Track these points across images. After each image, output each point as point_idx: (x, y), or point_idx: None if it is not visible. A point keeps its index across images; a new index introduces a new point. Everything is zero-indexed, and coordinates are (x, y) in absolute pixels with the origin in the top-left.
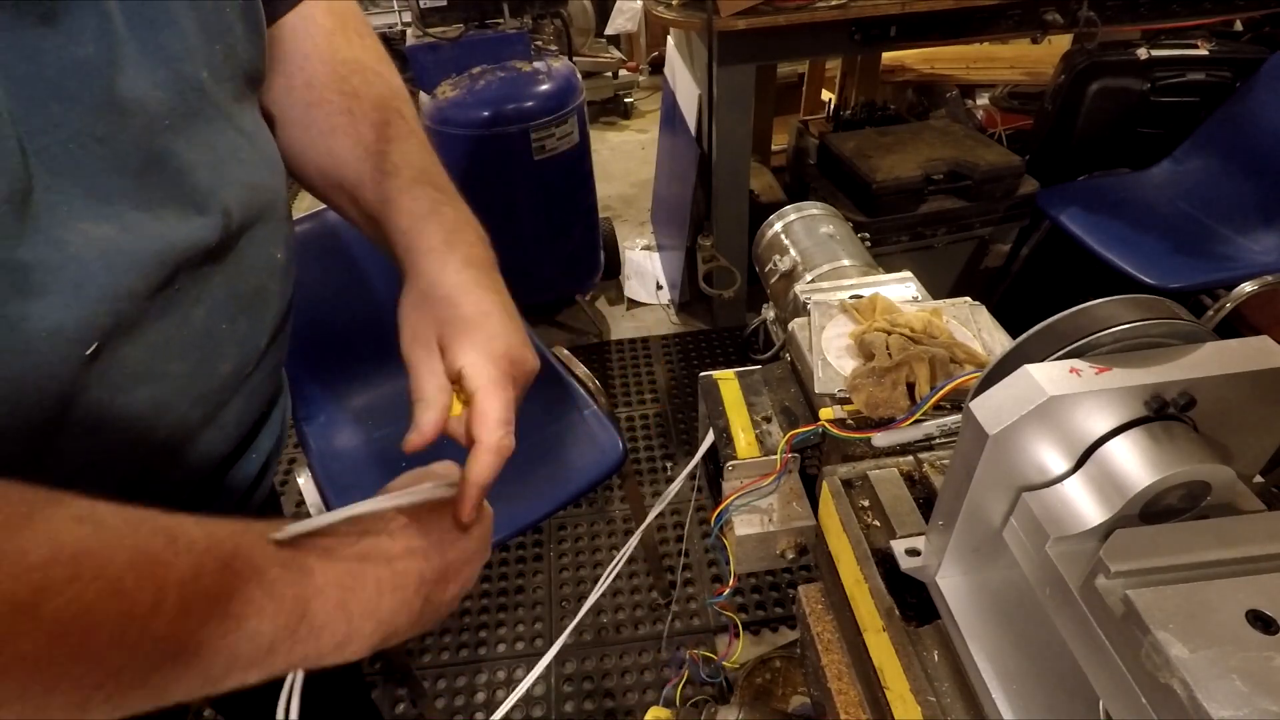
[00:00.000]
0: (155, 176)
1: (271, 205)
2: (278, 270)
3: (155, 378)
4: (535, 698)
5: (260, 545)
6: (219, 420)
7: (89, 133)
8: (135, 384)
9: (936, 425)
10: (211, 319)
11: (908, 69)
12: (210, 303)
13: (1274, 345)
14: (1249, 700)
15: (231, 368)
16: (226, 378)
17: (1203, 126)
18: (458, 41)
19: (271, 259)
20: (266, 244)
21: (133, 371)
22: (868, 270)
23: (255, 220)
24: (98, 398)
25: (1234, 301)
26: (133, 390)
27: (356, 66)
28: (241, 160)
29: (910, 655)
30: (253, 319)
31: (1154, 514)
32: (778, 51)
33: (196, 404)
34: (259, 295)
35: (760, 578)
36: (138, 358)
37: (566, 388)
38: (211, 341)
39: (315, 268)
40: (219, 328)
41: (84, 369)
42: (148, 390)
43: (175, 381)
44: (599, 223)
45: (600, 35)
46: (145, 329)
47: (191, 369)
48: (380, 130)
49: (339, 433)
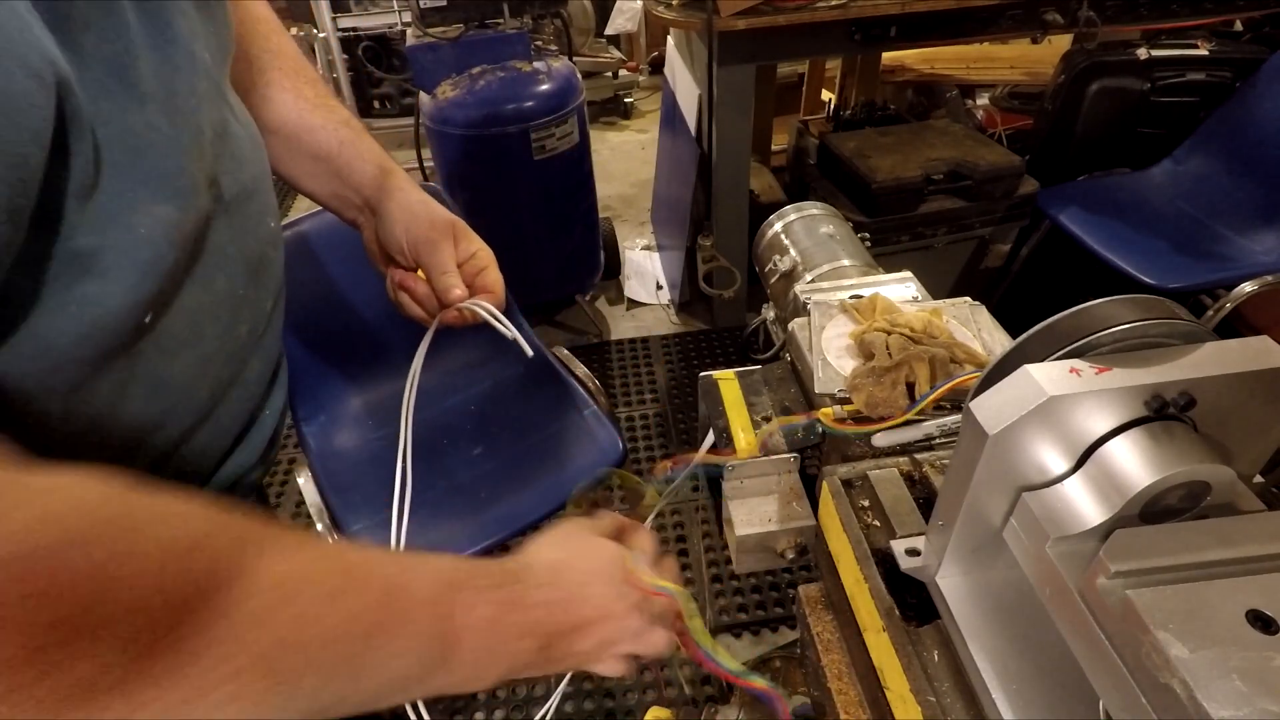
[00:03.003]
0: (194, 153)
1: (263, 176)
2: (274, 238)
3: (196, 341)
4: (535, 698)
5: (419, 581)
6: (244, 378)
7: (144, 121)
8: (181, 347)
9: (936, 425)
10: (231, 285)
11: (908, 69)
12: (229, 270)
13: (1274, 345)
14: (1249, 700)
15: (248, 329)
16: (244, 339)
17: (1203, 126)
18: (458, 41)
19: (266, 228)
20: (262, 214)
21: (179, 336)
22: (868, 270)
23: (252, 192)
24: (154, 360)
25: (1234, 301)
26: (179, 353)
27: (270, 26)
28: (234, 135)
29: (910, 655)
30: (260, 284)
31: (1154, 514)
32: (778, 51)
33: (227, 363)
34: (263, 262)
35: (760, 578)
36: (181, 324)
37: (566, 388)
38: (233, 306)
39: (314, 268)
40: (237, 293)
41: (144, 334)
42: (193, 352)
43: (211, 344)
44: (599, 223)
45: (600, 35)
46: (183, 297)
47: (221, 331)
48: (315, 87)
49: (339, 433)
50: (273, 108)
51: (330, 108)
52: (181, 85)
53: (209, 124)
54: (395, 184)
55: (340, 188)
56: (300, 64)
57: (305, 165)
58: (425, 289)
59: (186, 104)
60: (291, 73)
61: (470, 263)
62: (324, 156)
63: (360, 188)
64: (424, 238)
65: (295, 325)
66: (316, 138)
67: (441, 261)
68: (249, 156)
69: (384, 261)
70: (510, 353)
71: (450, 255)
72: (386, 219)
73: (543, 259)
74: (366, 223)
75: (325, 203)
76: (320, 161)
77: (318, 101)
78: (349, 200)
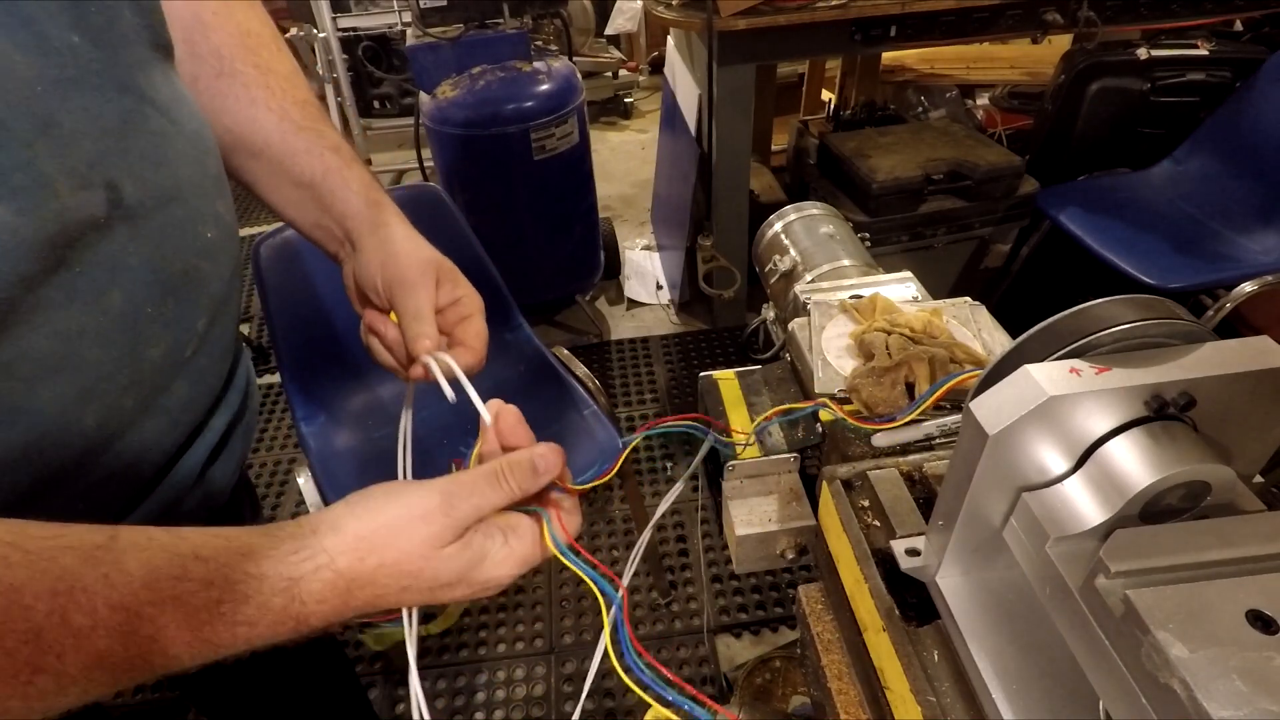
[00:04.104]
0: (44, 146)
1: (193, 182)
2: (210, 250)
3: (72, 367)
4: (535, 698)
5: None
6: (160, 406)
7: None
8: (50, 374)
9: (936, 425)
10: (132, 302)
11: (908, 69)
12: (129, 285)
13: (1274, 345)
14: (1249, 700)
15: (163, 351)
16: (159, 362)
17: (1203, 126)
18: (458, 41)
19: (199, 238)
20: (191, 222)
21: (44, 362)
22: (868, 270)
23: (170, 197)
24: (6, 389)
25: (1234, 301)
26: (48, 380)
27: (263, 40)
28: (145, 132)
29: (910, 655)
30: (184, 301)
31: (1154, 514)
32: (778, 51)
33: (127, 391)
34: (189, 276)
35: (760, 578)
36: (47, 347)
37: (566, 388)
38: (136, 325)
39: (313, 268)
40: (143, 311)
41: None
42: (67, 380)
43: (99, 369)
44: (599, 223)
45: (600, 35)
46: (53, 316)
47: (116, 355)
48: (304, 109)
49: (339, 433)
50: (256, 129)
51: (318, 131)
52: (24, 68)
53: (76, 115)
54: (381, 218)
55: (321, 217)
56: (291, 82)
57: (287, 192)
58: (395, 334)
59: (29, 88)
60: (279, 91)
61: (452, 309)
62: (306, 183)
63: (342, 219)
64: (399, 279)
65: (294, 325)
66: (299, 162)
67: (415, 307)
68: (174, 157)
69: (361, 301)
70: (511, 352)
71: (427, 299)
72: (363, 255)
73: (543, 259)
74: (347, 257)
75: (307, 233)
76: (302, 189)
77: (304, 124)
78: (330, 232)
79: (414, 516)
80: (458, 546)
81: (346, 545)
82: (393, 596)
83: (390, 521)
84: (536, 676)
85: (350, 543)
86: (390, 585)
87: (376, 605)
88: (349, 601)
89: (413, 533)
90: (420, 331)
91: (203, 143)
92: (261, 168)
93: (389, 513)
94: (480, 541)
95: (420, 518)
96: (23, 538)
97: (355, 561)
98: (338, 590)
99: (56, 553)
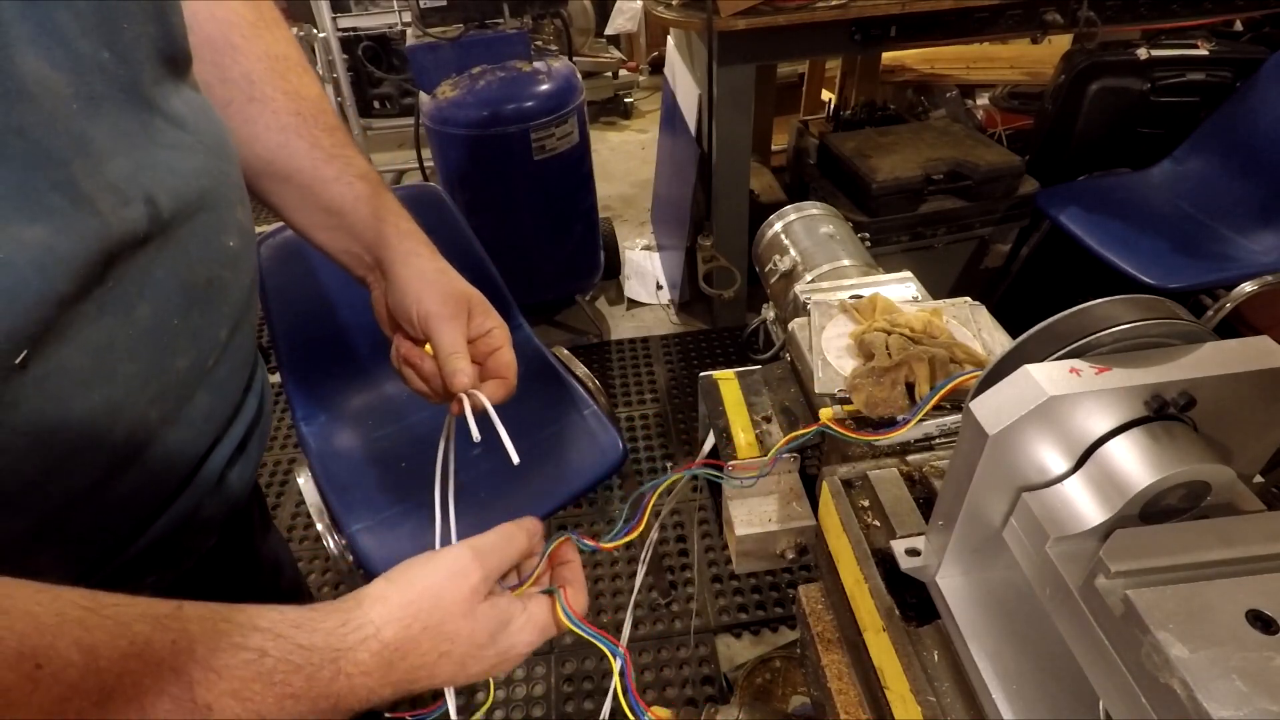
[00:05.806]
0: (81, 166)
1: (215, 191)
2: (232, 259)
3: (104, 380)
4: (535, 698)
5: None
6: (184, 417)
7: (6, 125)
8: (84, 389)
9: (936, 425)
10: (160, 315)
11: (908, 69)
12: (156, 298)
13: (1274, 345)
14: (1249, 700)
15: (188, 363)
16: (184, 373)
17: (1203, 126)
18: (458, 41)
19: (222, 248)
20: (215, 232)
21: (78, 376)
22: (868, 270)
23: (196, 208)
24: (39, 407)
25: (1234, 301)
26: (82, 395)
27: (290, 64)
28: (170, 146)
29: (910, 655)
30: (207, 311)
31: (1154, 514)
32: (778, 51)
33: (154, 403)
34: (212, 286)
35: (760, 578)
36: (81, 362)
37: (566, 388)
38: (163, 337)
39: (313, 268)
40: (169, 323)
41: (16, 378)
42: (99, 394)
43: (128, 382)
44: (599, 223)
45: (600, 35)
46: (85, 330)
47: (144, 368)
48: (334, 135)
49: (339, 433)
50: (288, 155)
51: (347, 159)
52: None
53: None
54: (411, 247)
55: (351, 244)
56: (320, 107)
57: (317, 218)
58: (431, 367)
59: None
60: (310, 118)
61: (484, 340)
62: (336, 210)
63: (373, 247)
64: (435, 312)
65: (294, 325)
66: (329, 190)
67: (452, 341)
68: (198, 168)
69: (391, 328)
70: None
71: (461, 334)
72: (398, 286)
73: (543, 259)
74: (376, 283)
75: (336, 258)
76: (333, 215)
77: (334, 151)
78: (360, 258)
79: (453, 573)
80: (488, 605)
81: (392, 615)
82: (430, 665)
83: (431, 585)
84: (536, 676)
85: (396, 612)
86: (430, 652)
87: (414, 678)
88: (389, 675)
89: (454, 591)
90: (457, 368)
91: (223, 150)
92: (291, 193)
93: (429, 577)
94: (505, 604)
95: (459, 574)
96: (99, 604)
97: (401, 630)
98: (381, 661)
99: (132, 620)
